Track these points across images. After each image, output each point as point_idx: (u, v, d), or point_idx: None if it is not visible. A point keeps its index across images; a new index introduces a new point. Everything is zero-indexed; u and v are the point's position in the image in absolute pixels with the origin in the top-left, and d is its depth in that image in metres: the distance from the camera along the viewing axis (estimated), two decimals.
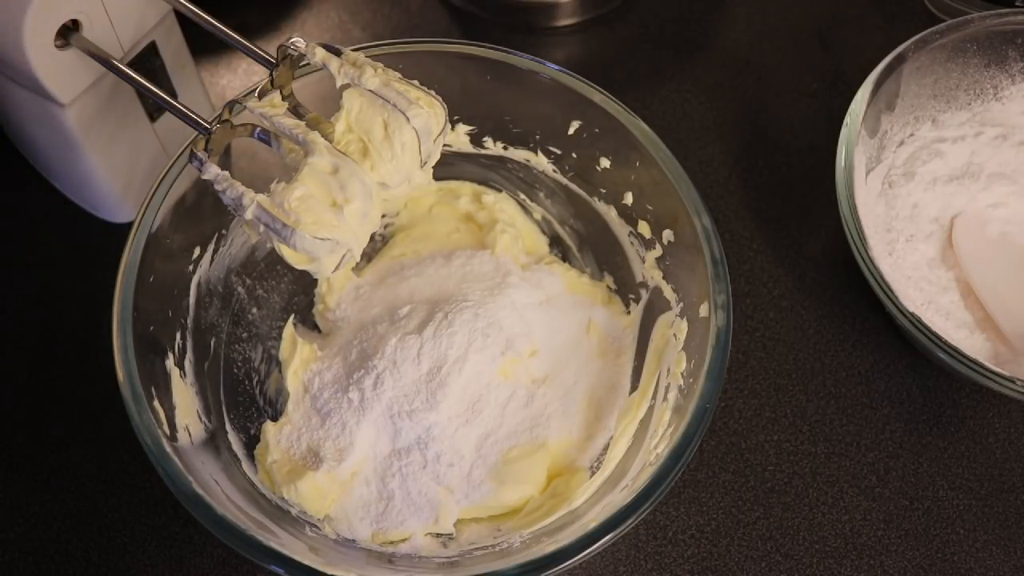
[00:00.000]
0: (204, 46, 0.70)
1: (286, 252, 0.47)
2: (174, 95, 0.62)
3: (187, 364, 0.55)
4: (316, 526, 0.54)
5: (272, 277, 0.63)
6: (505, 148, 0.62)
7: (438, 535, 0.56)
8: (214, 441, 0.55)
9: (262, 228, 0.46)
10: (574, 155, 0.61)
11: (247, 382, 0.60)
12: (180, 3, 0.53)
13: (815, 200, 0.69)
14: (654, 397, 0.56)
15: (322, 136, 0.47)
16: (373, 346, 0.57)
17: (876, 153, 0.64)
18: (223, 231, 0.58)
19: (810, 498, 0.60)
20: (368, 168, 0.48)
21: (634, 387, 0.59)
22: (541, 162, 0.62)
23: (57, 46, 0.53)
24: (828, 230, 0.69)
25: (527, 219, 0.65)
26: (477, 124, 0.61)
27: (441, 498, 0.55)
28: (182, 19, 0.59)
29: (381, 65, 0.49)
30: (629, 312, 0.62)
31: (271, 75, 0.49)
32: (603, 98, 0.56)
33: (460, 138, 0.62)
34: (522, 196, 0.65)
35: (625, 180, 0.59)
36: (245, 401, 0.59)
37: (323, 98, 0.52)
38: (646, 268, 0.60)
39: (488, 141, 0.62)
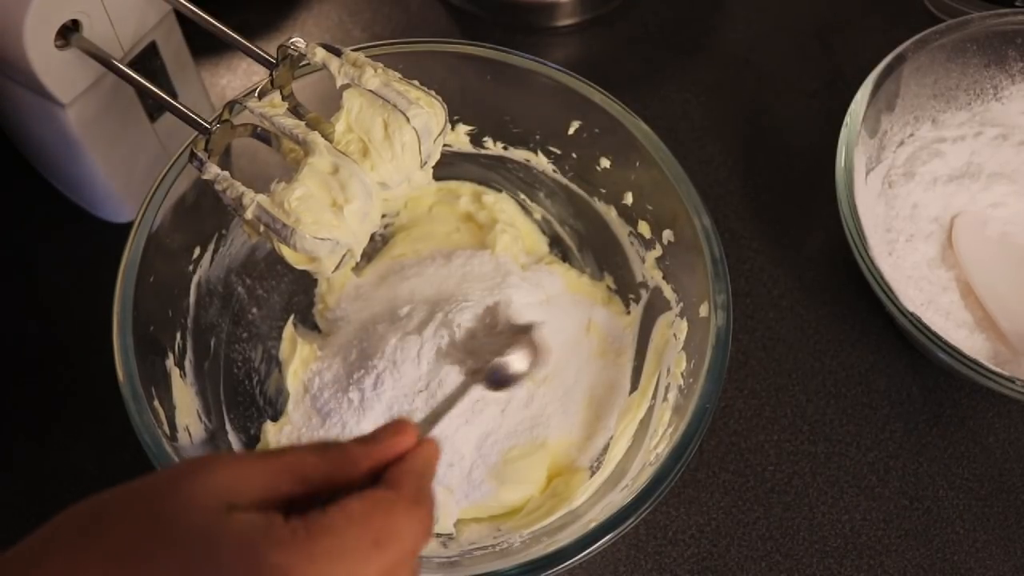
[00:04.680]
0: (204, 46, 0.70)
1: (286, 252, 0.47)
2: (174, 95, 0.61)
3: (187, 364, 0.55)
4: None
5: (272, 277, 0.63)
6: (505, 148, 0.62)
7: (438, 535, 0.56)
8: (214, 441, 0.55)
9: (262, 228, 0.46)
10: (574, 155, 0.61)
11: (247, 382, 0.60)
12: (180, 3, 0.53)
13: (815, 200, 0.69)
14: (654, 397, 0.56)
15: (322, 136, 0.47)
16: (373, 346, 0.57)
17: (876, 153, 0.64)
18: (223, 231, 0.58)
19: (810, 498, 0.60)
20: (368, 168, 0.48)
21: (634, 387, 0.59)
22: (541, 162, 0.62)
23: (57, 46, 0.53)
24: (828, 230, 0.69)
25: (527, 219, 0.65)
26: (477, 124, 0.61)
27: (441, 498, 0.55)
28: (182, 19, 0.59)
29: (381, 65, 0.49)
30: (629, 312, 0.62)
31: (271, 75, 0.49)
32: (603, 98, 0.56)
33: (460, 138, 0.62)
34: (522, 196, 0.65)
35: (625, 180, 0.59)
36: (245, 401, 0.59)
37: (323, 98, 0.52)
38: (646, 268, 0.60)
39: (488, 141, 0.62)
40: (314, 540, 0.31)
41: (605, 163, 0.59)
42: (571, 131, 0.59)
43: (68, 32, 0.53)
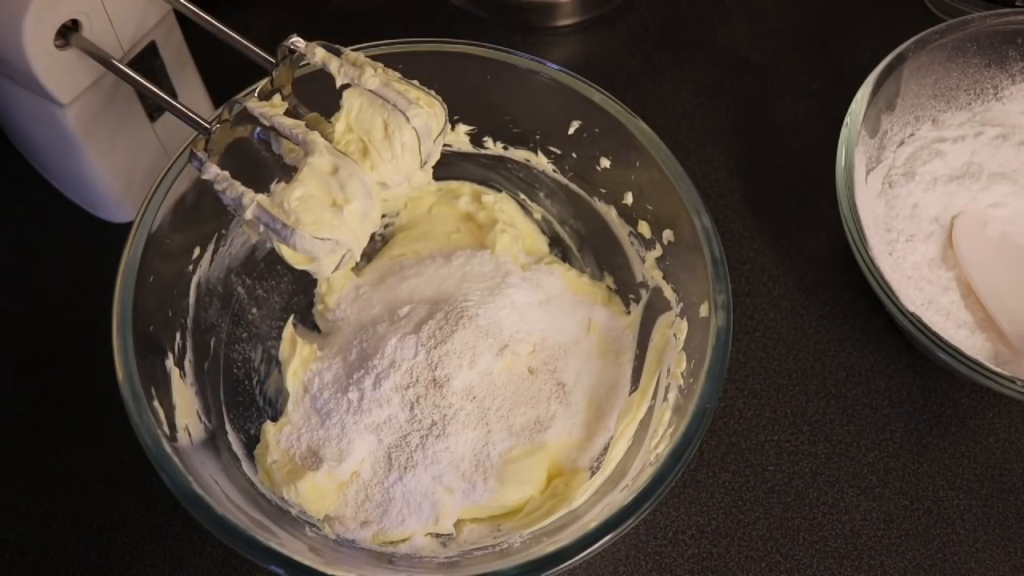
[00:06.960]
0: (204, 46, 0.70)
1: (286, 252, 0.47)
2: (174, 95, 0.62)
3: (187, 364, 0.55)
4: (316, 526, 0.54)
5: (272, 277, 0.63)
6: (505, 148, 0.62)
7: (438, 535, 0.56)
8: (214, 441, 0.55)
9: (262, 228, 0.46)
10: (574, 155, 0.61)
11: (247, 382, 0.60)
12: (180, 3, 0.53)
13: (815, 200, 0.69)
14: (654, 397, 0.56)
15: (322, 136, 0.47)
16: (373, 346, 0.57)
17: (876, 153, 0.64)
18: (223, 231, 0.58)
19: (810, 498, 0.60)
20: (368, 168, 0.48)
21: (634, 387, 0.59)
22: (541, 162, 0.62)
23: (57, 46, 0.53)
24: (828, 230, 0.69)
25: (527, 219, 0.65)
26: (477, 124, 0.61)
27: (441, 498, 0.55)
28: (182, 19, 0.59)
29: (381, 65, 0.49)
30: (629, 312, 0.62)
31: (271, 75, 0.49)
32: (603, 98, 0.56)
33: (460, 138, 0.62)
34: (522, 196, 0.65)
35: (625, 180, 0.59)
36: (245, 401, 0.59)
37: (323, 98, 0.52)
38: (646, 268, 0.60)
39: (488, 141, 0.62)
40: None
41: (605, 163, 0.59)
42: (571, 131, 0.59)
43: (68, 32, 0.53)
